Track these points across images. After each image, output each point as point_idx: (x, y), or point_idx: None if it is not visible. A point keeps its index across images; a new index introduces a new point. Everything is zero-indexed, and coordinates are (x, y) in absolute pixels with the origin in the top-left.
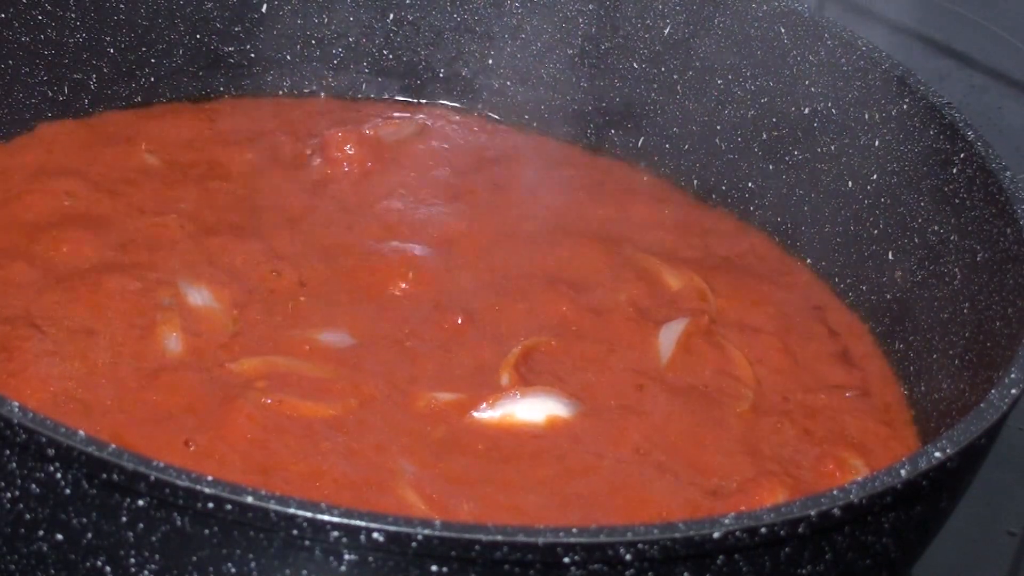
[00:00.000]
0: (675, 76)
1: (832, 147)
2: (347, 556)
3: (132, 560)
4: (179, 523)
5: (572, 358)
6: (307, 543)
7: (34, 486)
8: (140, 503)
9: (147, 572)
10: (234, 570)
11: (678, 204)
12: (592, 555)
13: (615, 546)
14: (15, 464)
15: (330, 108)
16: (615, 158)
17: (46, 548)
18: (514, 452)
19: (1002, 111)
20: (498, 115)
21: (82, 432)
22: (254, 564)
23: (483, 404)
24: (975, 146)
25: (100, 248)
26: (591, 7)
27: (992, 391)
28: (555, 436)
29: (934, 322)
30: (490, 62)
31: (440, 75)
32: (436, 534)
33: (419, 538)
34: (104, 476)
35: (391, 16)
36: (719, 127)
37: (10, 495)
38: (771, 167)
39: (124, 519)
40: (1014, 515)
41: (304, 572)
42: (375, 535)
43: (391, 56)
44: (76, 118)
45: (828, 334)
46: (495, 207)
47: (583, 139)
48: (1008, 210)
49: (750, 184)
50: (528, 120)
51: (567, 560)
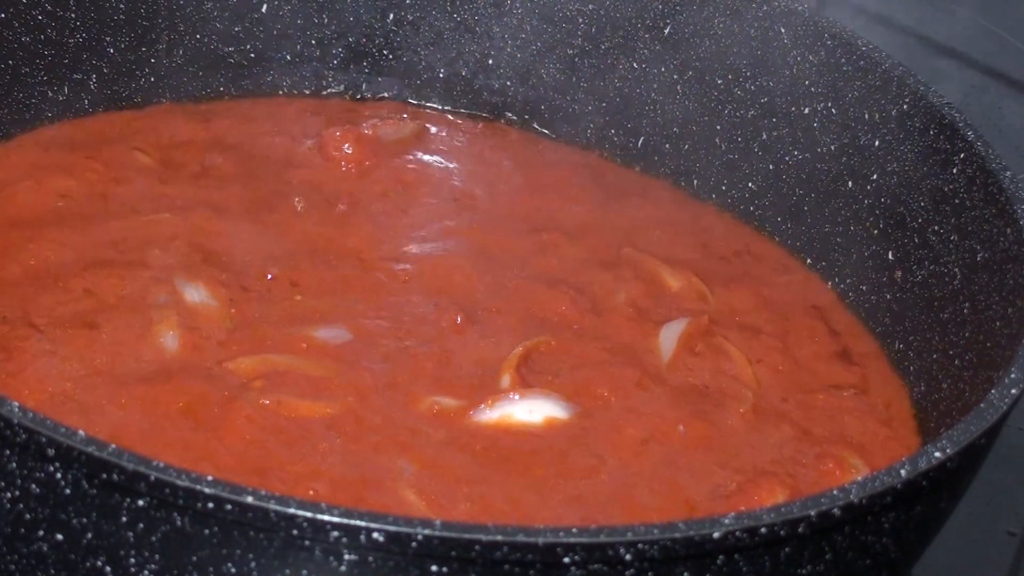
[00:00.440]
0: (675, 76)
1: (832, 147)
2: (347, 556)
3: (132, 560)
4: (179, 523)
5: (572, 358)
6: (307, 543)
7: (34, 486)
8: (140, 503)
9: (147, 572)
10: (234, 570)
11: (678, 204)
12: (592, 555)
13: (615, 546)
14: (15, 464)
15: (329, 108)
16: (615, 158)
17: (46, 548)
18: (513, 452)
19: (1002, 111)
20: (498, 115)
21: (82, 432)
22: (254, 564)
23: (482, 405)
24: (975, 146)
25: (95, 247)
26: (591, 7)
27: (992, 391)
28: (554, 436)
29: (934, 322)
30: (490, 62)
31: (440, 75)
32: (436, 534)
33: (419, 538)
34: (104, 476)
35: (391, 16)
36: (719, 127)
37: (10, 495)
38: (771, 167)
39: (124, 519)
40: (1014, 515)
41: (304, 572)
42: (375, 535)
43: (391, 56)
44: (76, 118)
45: (828, 334)
46: (494, 207)
47: (583, 139)
48: (1008, 210)
49: (750, 184)
50: (528, 120)
51: (567, 560)
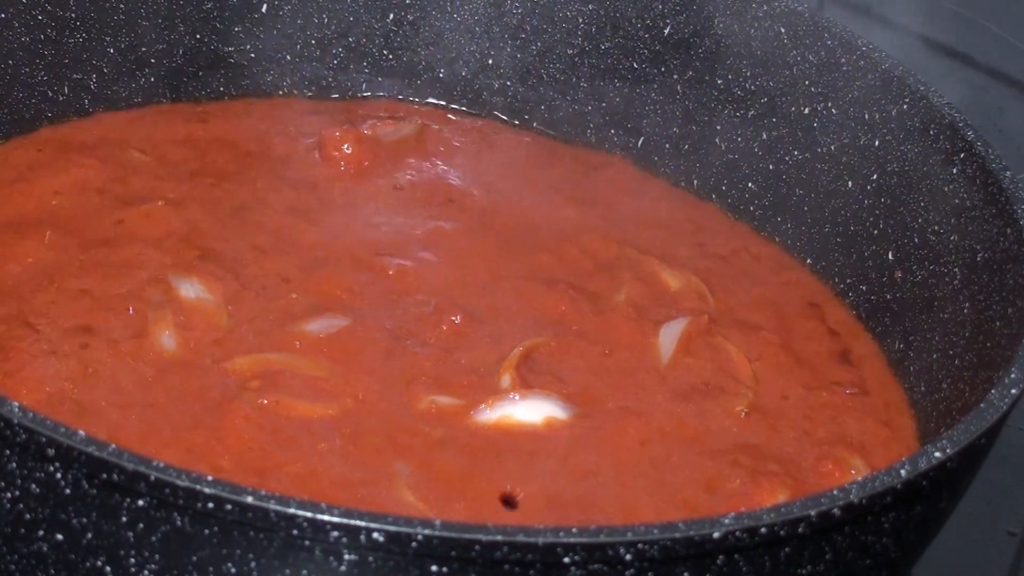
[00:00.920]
0: (675, 76)
1: (832, 147)
2: (347, 556)
3: (132, 560)
4: (179, 523)
5: (572, 358)
6: (307, 543)
7: (34, 486)
8: (140, 503)
9: (147, 572)
10: (234, 570)
11: (677, 204)
12: (592, 555)
13: (615, 546)
14: (15, 464)
15: (329, 108)
16: (615, 158)
17: (46, 548)
18: (512, 452)
19: (1002, 111)
20: (498, 115)
21: (82, 432)
22: (254, 564)
23: (482, 405)
24: (975, 146)
25: (91, 247)
26: (591, 7)
27: (992, 391)
28: (554, 436)
29: (934, 322)
30: (490, 62)
31: (440, 75)
32: (436, 534)
33: (419, 538)
34: (104, 476)
35: (391, 16)
36: (719, 127)
37: (10, 495)
38: (771, 167)
39: (124, 519)
40: (1014, 515)
41: (304, 572)
42: (375, 535)
43: (391, 56)
44: (76, 118)
45: (828, 334)
46: (494, 206)
47: (583, 139)
48: (1008, 210)
49: (750, 184)
50: (528, 120)
51: (567, 560)
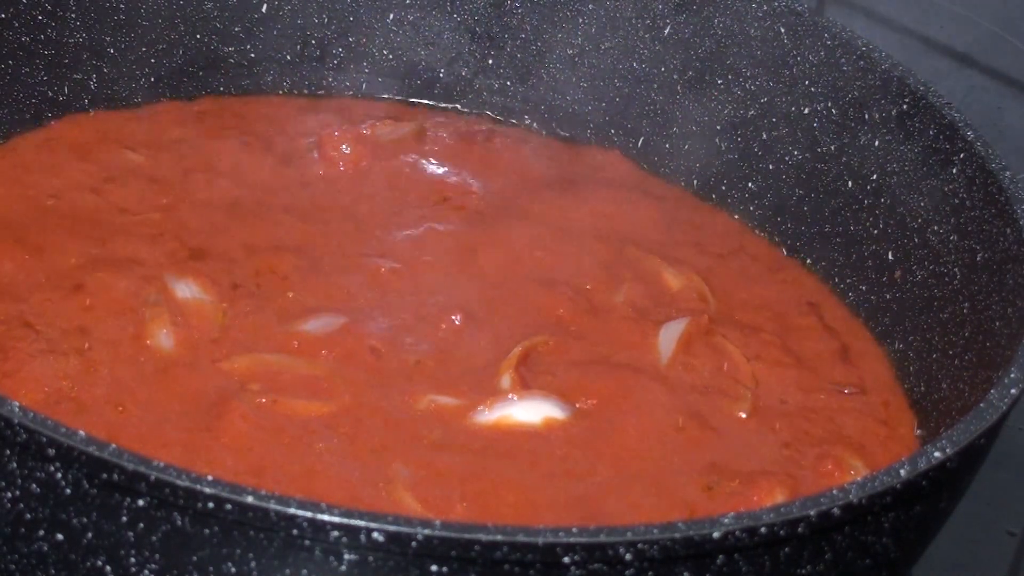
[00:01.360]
0: (675, 76)
1: (832, 147)
2: (347, 556)
3: (132, 560)
4: (179, 523)
5: (571, 358)
6: (307, 543)
7: (34, 486)
8: (140, 503)
9: (147, 572)
10: (234, 570)
11: (678, 204)
12: (592, 555)
13: (615, 546)
14: (15, 464)
15: (328, 108)
16: (615, 158)
17: (46, 548)
18: (512, 453)
19: (1002, 111)
20: (498, 115)
21: (82, 432)
22: (254, 564)
23: (481, 406)
24: (975, 146)
25: (87, 246)
26: (591, 7)
27: (992, 391)
28: (554, 437)
29: (934, 322)
30: (490, 62)
31: (440, 75)
32: (436, 534)
33: (419, 538)
34: (104, 476)
35: (391, 16)
36: (719, 127)
37: (10, 495)
38: (771, 167)
39: (124, 519)
40: (1014, 515)
41: (304, 572)
42: (375, 535)
43: (391, 56)
44: (75, 118)
45: (828, 334)
46: (493, 206)
47: (583, 139)
48: (1008, 210)
49: (750, 184)
50: (528, 120)
51: (567, 560)
